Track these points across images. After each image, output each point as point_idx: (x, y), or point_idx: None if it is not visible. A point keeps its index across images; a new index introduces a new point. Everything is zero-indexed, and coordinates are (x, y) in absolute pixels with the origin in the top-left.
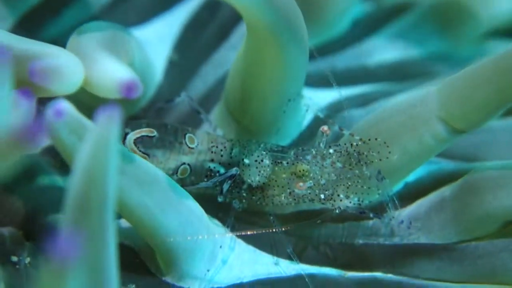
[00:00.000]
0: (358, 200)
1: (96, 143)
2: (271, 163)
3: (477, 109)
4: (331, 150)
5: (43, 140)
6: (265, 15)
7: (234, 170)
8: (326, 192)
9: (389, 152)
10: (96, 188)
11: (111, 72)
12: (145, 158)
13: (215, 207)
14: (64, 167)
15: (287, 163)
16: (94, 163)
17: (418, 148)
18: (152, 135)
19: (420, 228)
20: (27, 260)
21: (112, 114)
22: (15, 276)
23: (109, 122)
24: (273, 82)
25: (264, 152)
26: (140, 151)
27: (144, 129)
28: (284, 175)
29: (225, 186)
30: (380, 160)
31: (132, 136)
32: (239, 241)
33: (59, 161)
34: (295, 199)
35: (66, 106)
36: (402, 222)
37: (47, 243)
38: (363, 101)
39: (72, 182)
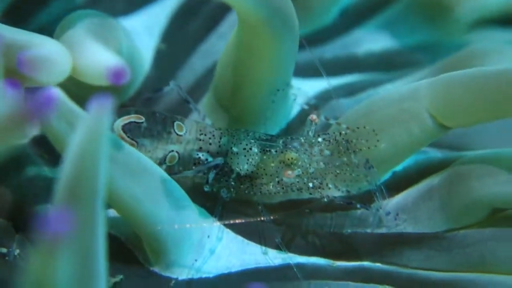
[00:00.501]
0: (347, 189)
1: (88, 132)
2: (260, 152)
3: (466, 113)
4: (319, 139)
5: (41, 120)
6: (256, 5)
7: (219, 160)
8: (315, 181)
9: (378, 141)
10: (86, 177)
11: (99, 59)
12: (133, 145)
13: (203, 197)
14: (52, 158)
15: (276, 151)
16: (85, 152)
17: (406, 140)
18: (140, 121)
19: (407, 219)
20: (17, 251)
21: (104, 103)
22: (4, 268)
23: (101, 112)
24: (264, 70)
25: (253, 141)
26: (128, 137)
27: (133, 115)
28: (272, 164)
29: (211, 176)
30: (369, 148)
31: (120, 122)
32: (227, 230)
33: (47, 151)
34: (283, 188)
35: (57, 93)
36: (389, 213)
37: (37, 223)
38: (351, 90)
39: (63, 170)
